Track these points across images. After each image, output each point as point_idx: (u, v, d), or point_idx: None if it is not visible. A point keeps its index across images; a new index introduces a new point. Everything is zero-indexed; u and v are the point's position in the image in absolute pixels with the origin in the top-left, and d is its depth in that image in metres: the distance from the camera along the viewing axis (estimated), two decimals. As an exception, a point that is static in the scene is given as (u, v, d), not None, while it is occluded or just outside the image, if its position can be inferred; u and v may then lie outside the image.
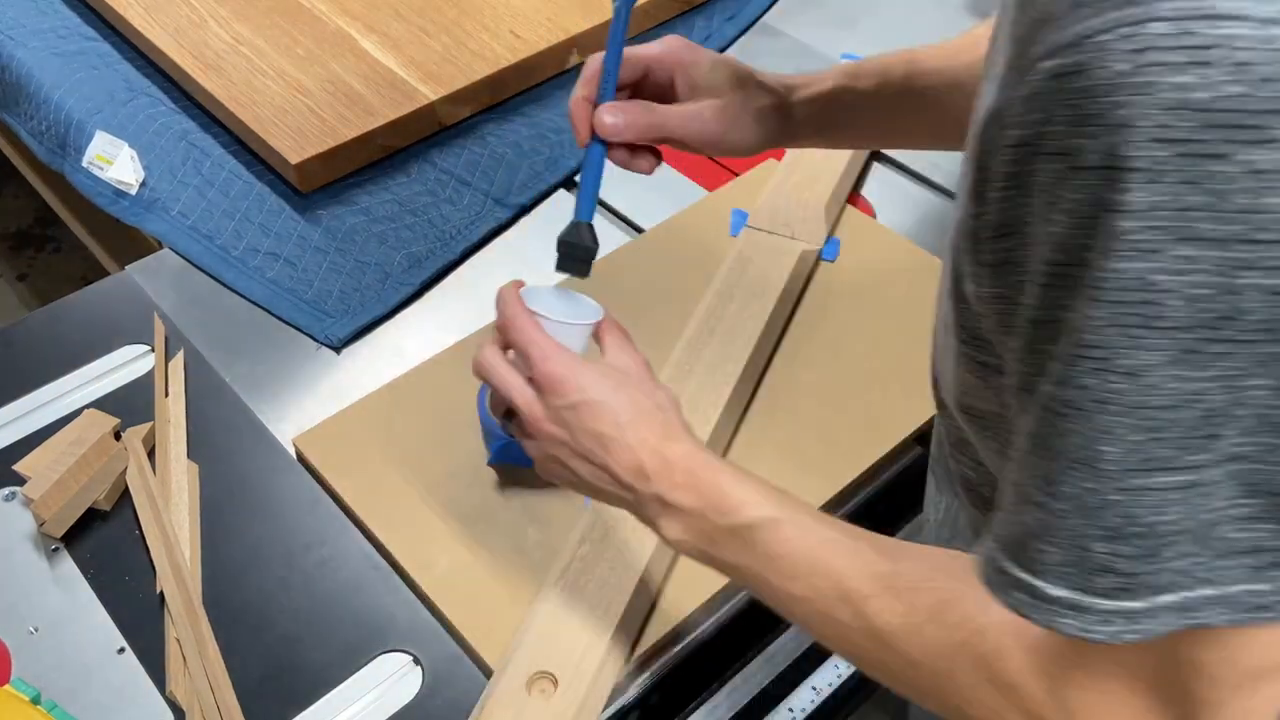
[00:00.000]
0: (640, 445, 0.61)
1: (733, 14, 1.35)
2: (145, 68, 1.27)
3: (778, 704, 0.81)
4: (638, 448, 0.61)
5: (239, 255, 1.06)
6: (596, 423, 0.62)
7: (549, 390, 0.63)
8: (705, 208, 1.10)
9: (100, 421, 0.88)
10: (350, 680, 0.77)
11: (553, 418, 0.63)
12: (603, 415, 0.62)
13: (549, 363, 0.63)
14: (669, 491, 0.61)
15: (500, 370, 0.66)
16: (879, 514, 0.91)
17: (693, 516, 0.60)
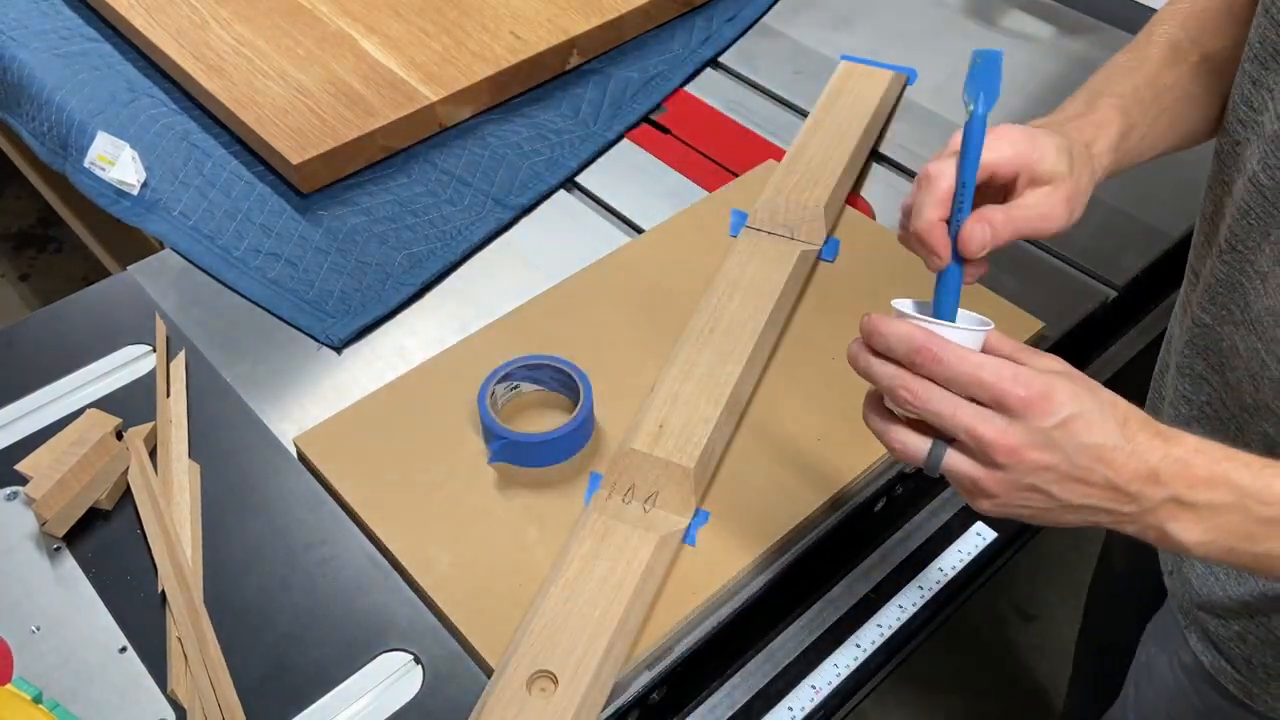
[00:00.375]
0: (1148, 448, 0.55)
1: (732, 15, 1.36)
2: (147, 69, 1.27)
3: (777, 703, 0.81)
4: (1145, 452, 0.55)
5: (240, 256, 1.07)
6: (1093, 435, 0.55)
7: (1032, 413, 0.55)
8: (705, 208, 1.10)
9: (102, 421, 0.89)
10: (351, 679, 0.77)
11: (1038, 442, 0.55)
12: (1097, 425, 0.55)
13: (1019, 385, 0.55)
14: (1188, 491, 0.55)
15: (944, 403, 0.56)
16: (879, 514, 0.91)
17: (1224, 513, 0.55)
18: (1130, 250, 1.06)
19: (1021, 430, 0.55)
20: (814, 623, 0.85)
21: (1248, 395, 0.66)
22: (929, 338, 0.57)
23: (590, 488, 0.86)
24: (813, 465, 0.88)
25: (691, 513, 0.83)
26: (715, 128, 1.22)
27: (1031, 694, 1.70)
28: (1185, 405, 0.75)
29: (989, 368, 0.56)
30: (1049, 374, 0.56)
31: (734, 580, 0.82)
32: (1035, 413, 0.55)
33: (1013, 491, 0.56)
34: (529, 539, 0.84)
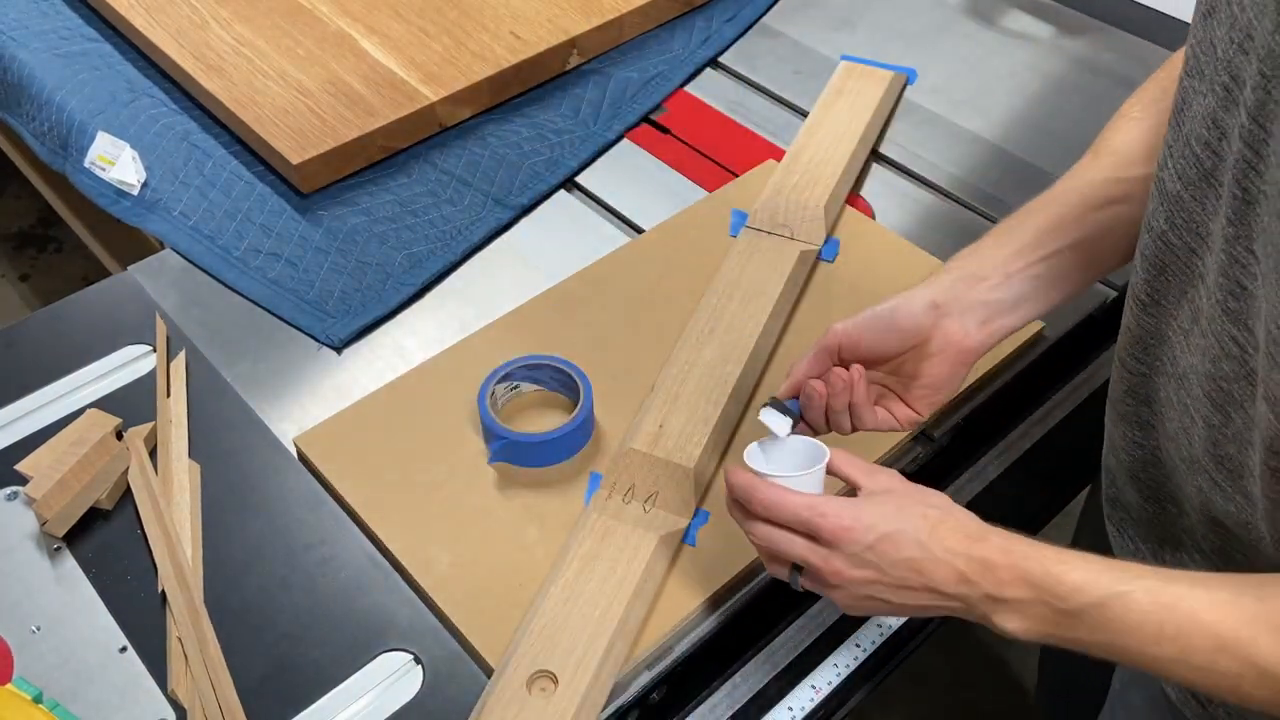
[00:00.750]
0: (952, 555, 0.62)
1: (732, 15, 1.36)
2: (147, 69, 1.27)
3: (777, 703, 0.81)
4: (951, 558, 0.62)
5: (240, 256, 1.07)
6: (900, 551, 0.63)
7: (843, 541, 0.64)
8: (705, 208, 1.10)
9: (102, 421, 0.89)
10: (351, 679, 0.77)
11: (856, 564, 0.64)
12: (903, 542, 0.63)
13: (829, 519, 0.64)
14: (997, 589, 0.61)
15: (780, 539, 0.66)
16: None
17: (1031, 606, 0.60)
18: (1130, 250, 1.06)
19: (839, 556, 0.64)
20: (814, 623, 0.85)
21: (1184, 448, 0.67)
22: (754, 486, 0.67)
23: (590, 488, 0.86)
24: (813, 465, 0.88)
25: (691, 513, 0.83)
26: (715, 128, 1.22)
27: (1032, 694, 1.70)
28: (1131, 452, 0.74)
29: (803, 507, 0.65)
30: (863, 501, 0.65)
31: (734, 580, 0.82)
32: (847, 540, 0.63)
33: (856, 600, 0.65)
34: (529, 539, 0.84)
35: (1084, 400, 1.01)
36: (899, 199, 1.14)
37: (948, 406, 0.93)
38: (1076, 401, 1.01)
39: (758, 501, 0.66)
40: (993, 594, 0.61)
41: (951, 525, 0.63)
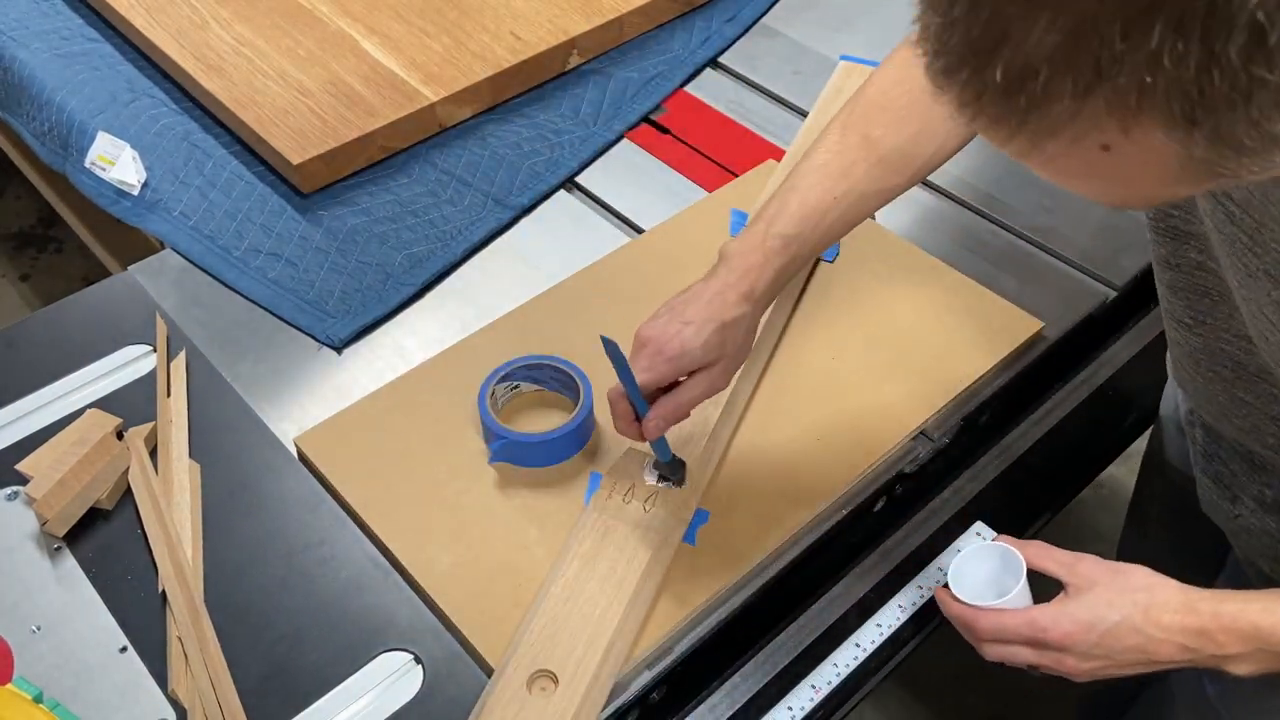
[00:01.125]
0: (1170, 633, 0.68)
1: (732, 15, 1.36)
2: (147, 69, 1.27)
3: (777, 702, 0.81)
4: (1169, 636, 0.68)
5: (240, 256, 1.07)
6: (1123, 640, 0.69)
7: (1068, 645, 0.71)
8: (705, 208, 1.10)
9: (102, 421, 0.89)
10: (351, 679, 0.77)
11: (1085, 659, 0.71)
12: (1123, 633, 0.69)
13: (1051, 631, 0.71)
14: (1219, 650, 0.68)
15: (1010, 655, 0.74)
16: (879, 514, 0.91)
17: (1253, 655, 0.68)
18: (1130, 250, 1.06)
19: (1070, 656, 0.71)
20: (814, 623, 0.85)
21: None
22: (974, 618, 0.74)
23: (590, 487, 0.86)
24: (813, 465, 0.88)
25: (692, 512, 0.83)
26: (715, 128, 1.22)
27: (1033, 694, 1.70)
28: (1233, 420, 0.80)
29: (1024, 626, 0.72)
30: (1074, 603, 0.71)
31: (734, 580, 0.82)
32: (1074, 642, 0.70)
33: (1093, 678, 0.72)
34: (529, 539, 0.84)
35: (1084, 400, 1.01)
36: (898, 200, 1.13)
37: (948, 406, 0.93)
38: (1076, 401, 1.01)
39: (981, 631, 0.74)
40: (1216, 654, 0.68)
41: (1161, 604, 0.69)
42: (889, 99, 0.78)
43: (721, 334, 0.76)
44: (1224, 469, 0.82)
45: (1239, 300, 0.67)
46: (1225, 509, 0.84)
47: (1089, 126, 0.39)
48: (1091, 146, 0.40)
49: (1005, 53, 0.39)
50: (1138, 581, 0.71)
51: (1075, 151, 0.40)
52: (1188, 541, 1.03)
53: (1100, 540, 1.77)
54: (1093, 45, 0.37)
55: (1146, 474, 1.09)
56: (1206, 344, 0.75)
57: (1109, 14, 0.36)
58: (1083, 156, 0.40)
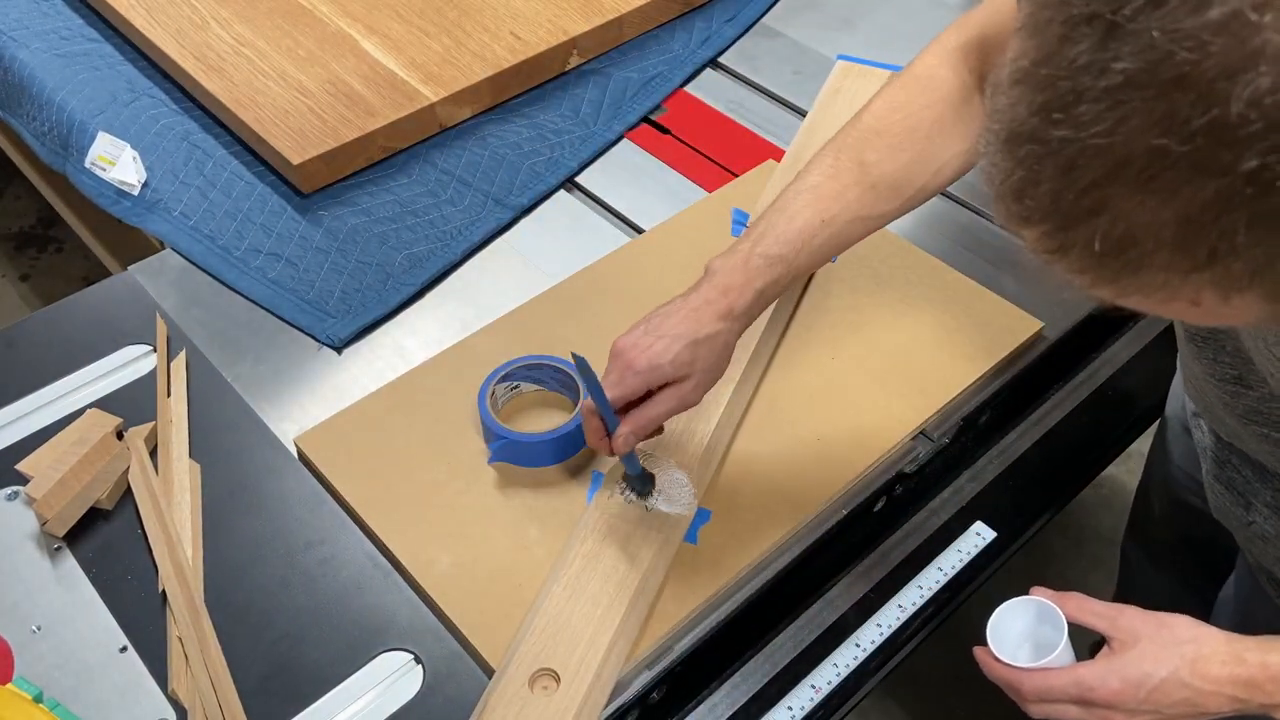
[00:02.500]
0: (1217, 684, 0.67)
1: (732, 15, 1.36)
2: (147, 69, 1.27)
3: (777, 702, 0.81)
4: (1218, 689, 0.67)
5: (241, 256, 1.07)
6: (1171, 695, 0.68)
7: (1116, 703, 0.69)
8: (705, 208, 1.10)
9: (102, 421, 0.89)
10: (351, 678, 0.77)
11: (1135, 714, 0.70)
12: (1171, 688, 0.68)
13: (1099, 690, 0.69)
14: (1269, 699, 0.67)
15: (1059, 710, 0.72)
16: (879, 514, 0.91)
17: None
18: (1130, 250, 1.06)
19: (1118, 713, 0.70)
20: (814, 622, 0.85)
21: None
22: (1018, 680, 0.72)
23: (593, 487, 0.86)
24: (813, 465, 0.88)
25: (693, 512, 0.83)
26: (715, 128, 1.22)
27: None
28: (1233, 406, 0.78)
29: (1071, 685, 0.70)
30: (1120, 660, 0.69)
31: (735, 579, 0.82)
32: (1123, 700, 0.69)
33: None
34: (529, 539, 0.84)
35: (1084, 400, 1.01)
36: (899, 199, 1.14)
37: (948, 406, 0.93)
38: (1076, 401, 1.01)
39: (1027, 692, 0.72)
40: (1265, 704, 0.67)
41: (1208, 656, 0.68)
42: (885, 125, 0.78)
43: (693, 350, 0.75)
44: (1236, 475, 0.82)
45: (1244, 336, 0.66)
46: (1239, 515, 0.84)
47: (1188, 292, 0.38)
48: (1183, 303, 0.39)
49: (1102, 223, 0.37)
50: (1183, 634, 0.70)
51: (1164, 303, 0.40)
52: (1190, 541, 1.03)
53: (1100, 540, 1.77)
54: (1209, 235, 0.36)
55: (1149, 474, 1.09)
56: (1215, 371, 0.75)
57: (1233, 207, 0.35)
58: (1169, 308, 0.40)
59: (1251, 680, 0.66)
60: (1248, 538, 0.85)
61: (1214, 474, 0.85)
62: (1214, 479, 0.85)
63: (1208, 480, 0.87)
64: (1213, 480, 0.85)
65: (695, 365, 0.75)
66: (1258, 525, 0.82)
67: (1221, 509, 0.86)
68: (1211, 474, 0.85)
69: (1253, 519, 0.82)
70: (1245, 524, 0.83)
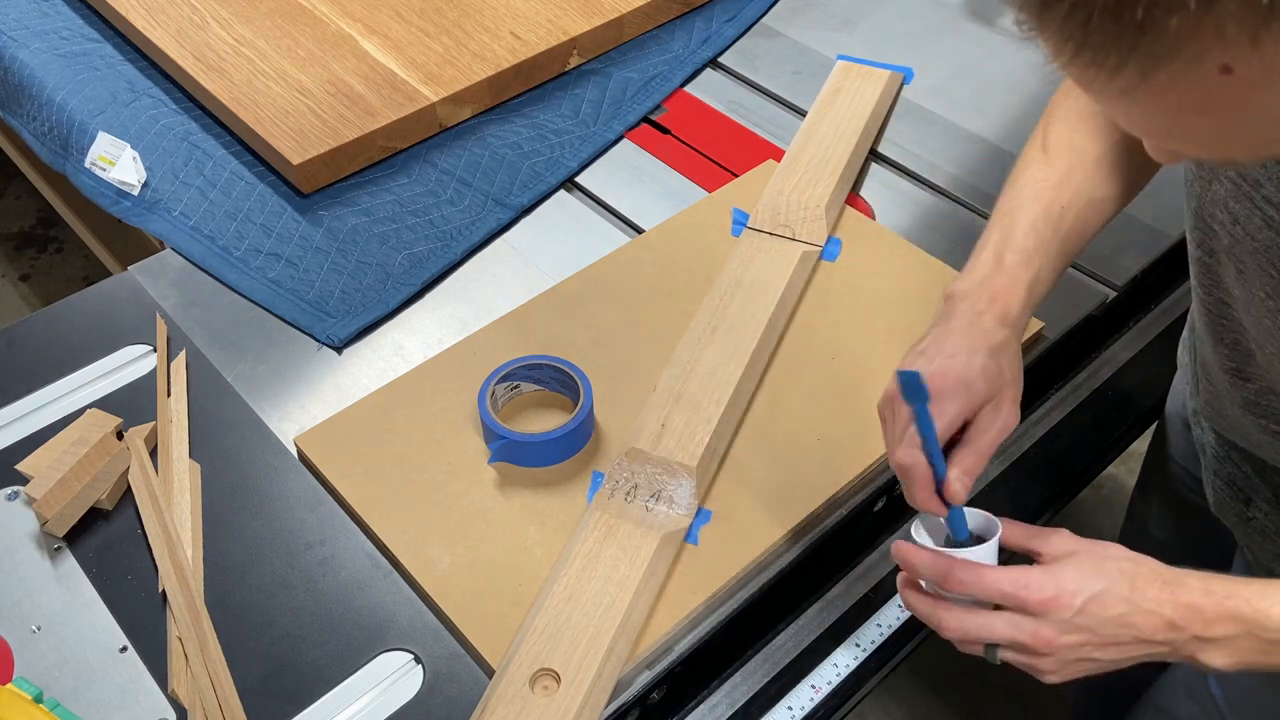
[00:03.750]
0: (1158, 603, 0.63)
1: (732, 15, 1.36)
2: (147, 69, 1.27)
3: (777, 702, 0.81)
4: (1157, 608, 0.63)
5: (241, 256, 1.07)
6: (1108, 610, 0.63)
7: (1051, 610, 0.63)
8: (705, 208, 1.10)
9: (102, 421, 0.89)
10: (351, 678, 0.77)
11: (1066, 629, 0.64)
12: (1109, 600, 0.63)
13: (1033, 589, 0.63)
14: (1205, 630, 0.62)
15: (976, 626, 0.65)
16: (879, 513, 0.91)
17: (1239, 640, 0.62)
18: (1130, 250, 1.06)
19: (1048, 625, 0.63)
20: (814, 622, 0.85)
21: None
22: (949, 564, 0.65)
23: (593, 487, 0.86)
24: (813, 465, 0.88)
25: (694, 512, 0.83)
26: (715, 128, 1.22)
27: (1033, 693, 1.70)
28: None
29: (1005, 581, 0.64)
30: (1059, 566, 0.64)
31: (735, 579, 0.82)
32: (1055, 608, 0.63)
33: (1063, 666, 0.65)
34: (529, 539, 0.84)
35: (1084, 400, 1.01)
36: (899, 199, 1.14)
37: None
38: (1077, 401, 1.01)
39: (955, 580, 0.65)
40: (1200, 635, 0.62)
41: (1148, 575, 0.64)
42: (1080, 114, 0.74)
43: (996, 359, 0.68)
44: (1237, 470, 0.82)
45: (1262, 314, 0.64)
46: (1239, 510, 0.83)
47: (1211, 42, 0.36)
48: (1211, 69, 0.37)
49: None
50: (1118, 552, 0.66)
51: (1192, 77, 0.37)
52: (1189, 540, 1.03)
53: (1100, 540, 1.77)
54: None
55: (1148, 471, 1.09)
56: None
57: None
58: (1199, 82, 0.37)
59: (1192, 605, 0.62)
60: (1247, 533, 0.84)
61: (1214, 469, 0.85)
62: (1214, 474, 0.85)
63: (1207, 476, 0.87)
64: (1212, 476, 0.85)
65: (1004, 376, 0.69)
66: (1257, 521, 0.82)
67: (1221, 505, 0.86)
68: (1211, 469, 0.85)
69: (1252, 514, 0.82)
70: (1245, 519, 0.83)
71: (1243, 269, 0.64)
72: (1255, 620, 0.61)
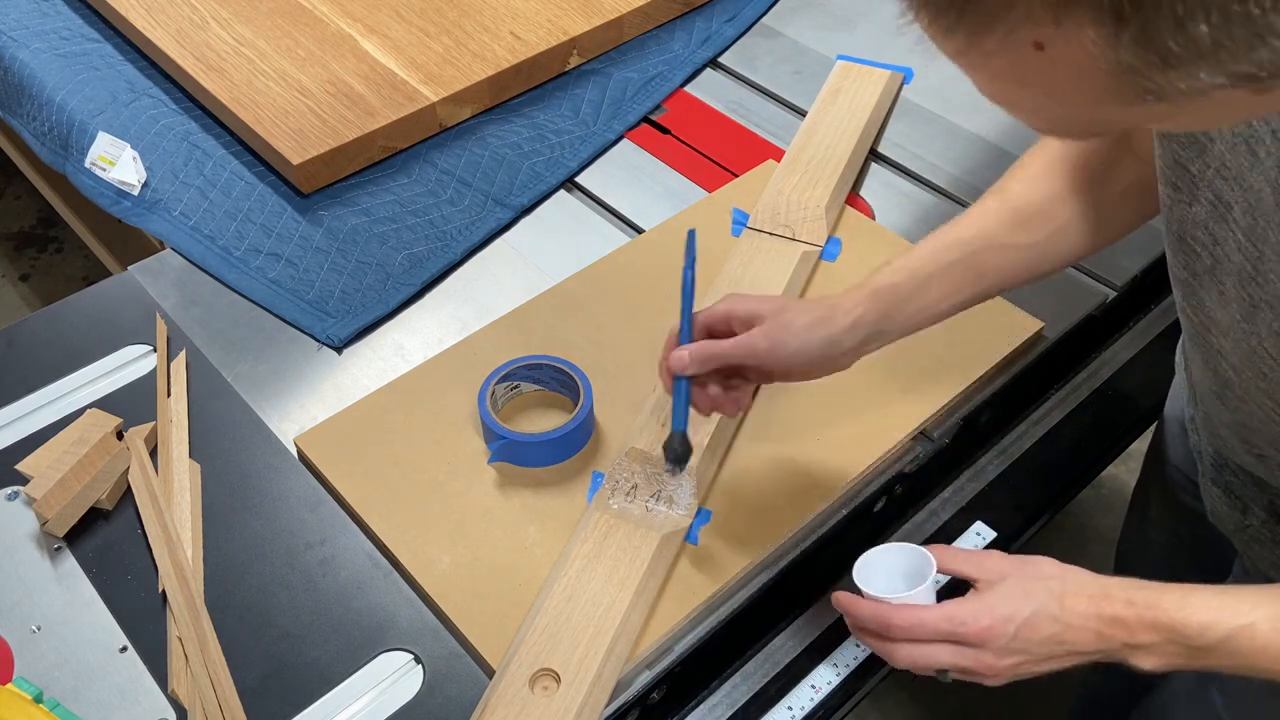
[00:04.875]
0: (1085, 619, 0.67)
1: (732, 15, 1.36)
2: (147, 69, 1.27)
3: (777, 702, 0.81)
4: (1085, 623, 0.67)
5: (241, 256, 1.07)
6: (1039, 631, 0.68)
7: (988, 640, 0.69)
8: (705, 208, 1.10)
9: (102, 421, 0.89)
10: (351, 678, 0.77)
11: (1003, 654, 0.69)
12: (1039, 623, 0.68)
13: (970, 625, 0.68)
14: (1131, 638, 0.66)
15: (923, 656, 0.71)
16: (879, 514, 0.91)
17: (1164, 647, 0.66)
18: (1130, 250, 1.06)
19: (987, 653, 0.69)
20: (814, 623, 0.85)
21: None
22: (888, 614, 0.71)
23: (593, 487, 0.86)
24: (813, 465, 0.88)
25: (694, 512, 0.83)
26: (715, 128, 1.22)
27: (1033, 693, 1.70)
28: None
29: (942, 620, 0.69)
30: (991, 595, 0.69)
31: (736, 579, 0.82)
32: (991, 637, 0.68)
33: (1008, 678, 0.71)
34: (529, 539, 0.84)
35: (1084, 400, 1.01)
36: (899, 199, 1.14)
37: (948, 406, 0.93)
38: (1076, 401, 1.01)
39: (896, 627, 0.70)
40: (1129, 643, 0.66)
41: (1074, 590, 0.68)
42: (1026, 161, 0.79)
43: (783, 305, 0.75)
44: (1234, 479, 0.82)
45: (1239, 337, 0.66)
46: (1236, 519, 0.84)
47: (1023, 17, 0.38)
48: (1025, 43, 0.39)
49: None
50: (1048, 570, 0.70)
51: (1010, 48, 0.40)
52: (1188, 542, 1.03)
53: (1100, 540, 1.77)
54: None
55: (1147, 473, 1.09)
56: None
57: None
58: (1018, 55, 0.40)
59: (1117, 617, 0.66)
60: (1245, 541, 0.85)
61: (1211, 477, 0.85)
62: (1211, 482, 0.85)
63: (1204, 484, 0.87)
64: (1209, 484, 0.85)
65: (778, 316, 0.75)
66: (1254, 529, 0.82)
67: (1218, 513, 0.86)
68: (1209, 477, 0.85)
69: (1249, 522, 0.82)
70: (1242, 527, 0.83)
71: (1224, 291, 0.66)
72: (1173, 628, 0.65)
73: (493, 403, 0.89)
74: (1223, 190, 0.62)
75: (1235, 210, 0.61)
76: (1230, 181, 0.61)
